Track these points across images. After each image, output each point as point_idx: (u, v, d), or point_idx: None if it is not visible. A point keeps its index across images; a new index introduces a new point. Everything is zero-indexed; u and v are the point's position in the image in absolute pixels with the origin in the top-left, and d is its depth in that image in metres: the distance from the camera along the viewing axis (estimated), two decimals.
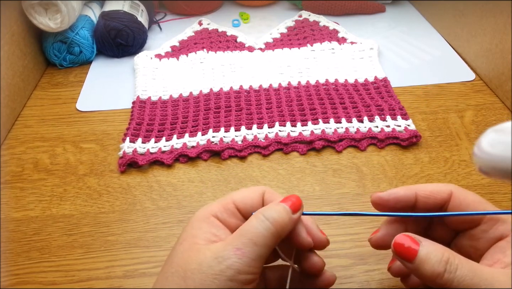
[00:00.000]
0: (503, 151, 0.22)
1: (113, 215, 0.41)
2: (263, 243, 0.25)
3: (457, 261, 0.25)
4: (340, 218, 0.40)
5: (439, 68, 0.60)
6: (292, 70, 0.60)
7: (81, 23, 0.63)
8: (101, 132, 0.52)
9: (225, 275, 0.24)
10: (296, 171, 0.45)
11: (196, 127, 0.51)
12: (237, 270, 0.24)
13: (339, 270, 0.35)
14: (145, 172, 0.46)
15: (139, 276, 0.36)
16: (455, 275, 0.24)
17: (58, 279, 0.36)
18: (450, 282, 0.24)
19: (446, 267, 0.25)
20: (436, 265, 0.25)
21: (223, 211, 0.28)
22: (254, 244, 0.25)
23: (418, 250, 0.25)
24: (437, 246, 0.26)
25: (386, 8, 0.77)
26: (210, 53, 0.63)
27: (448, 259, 0.25)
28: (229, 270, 0.24)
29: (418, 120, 0.51)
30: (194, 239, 0.26)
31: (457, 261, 0.25)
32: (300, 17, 0.72)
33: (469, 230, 0.29)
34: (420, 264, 0.25)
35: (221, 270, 0.24)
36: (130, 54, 0.65)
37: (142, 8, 0.69)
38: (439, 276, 0.25)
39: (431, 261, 0.25)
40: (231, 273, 0.24)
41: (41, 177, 0.46)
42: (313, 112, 0.52)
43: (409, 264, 0.26)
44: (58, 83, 0.61)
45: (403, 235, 0.26)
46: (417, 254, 0.25)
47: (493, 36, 0.55)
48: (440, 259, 0.25)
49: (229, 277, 0.24)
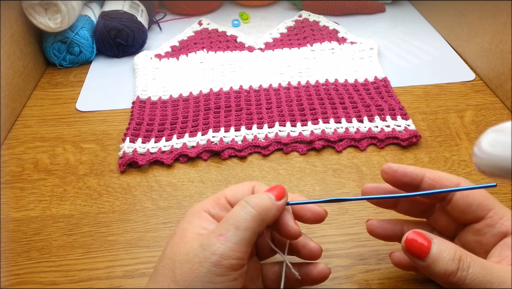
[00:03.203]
0: (503, 150, 0.22)
1: (113, 215, 0.41)
2: (245, 227, 0.26)
3: (469, 259, 0.25)
4: (340, 218, 0.40)
5: (439, 68, 0.60)
6: (292, 70, 0.60)
7: (81, 23, 0.63)
8: (101, 132, 0.52)
9: (210, 261, 0.25)
10: (296, 171, 0.45)
11: (196, 127, 0.51)
12: (221, 255, 0.25)
13: (339, 270, 0.35)
14: (145, 172, 0.46)
15: (139, 276, 0.36)
16: (467, 273, 0.24)
17: (58, 279, 0.36)
18: (463, 280, 0.24)
19: (459, 265, 0.25)
20: (449, 263, 0.25)
21: (215, 205, 0.29)
22: (236, 228, 0.26)
23: (431, 248, 0.25)
24: (449, 243, 0.26)
25: (386, 8, 0.77)
26: (210, 53, 0.63)
27: (460, 257, 0.25)
28: (213, 256, 0.25)
29: (418, 120, 0.51)
30: (185, 232, 0.27)
31: (469, 259, 0.25)
32: (300, 17, 0.72)
33: (473, 224, 0.29)
34: (433, 262, 0.25)
35: (206, 256, 0.25)
36: (130, 54, 0.65)
37: (142, 8, 0.69)
38: (452, 274, 0.25)
39: (444, 259, 0.25)
40: (216, 259, 0.25)
41: (41, 177, 0.46)
42: (313, 112, 0.52)
43: (420, 261, 0.25)
44: (58, 83, 0.61)
45: (415, 232, 0.26)
46: (429, 251, 0.25)
47: (493, 36, 0.55)
48: (453, 257, 0.25)
49: (214, 263, 0.25)
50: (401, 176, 0.30)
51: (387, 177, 0.31)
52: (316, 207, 0.30)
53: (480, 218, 0.29)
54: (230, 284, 0.25)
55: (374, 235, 0.33)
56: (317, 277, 0.31)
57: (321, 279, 0.31)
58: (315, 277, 0.31)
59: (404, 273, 0.35)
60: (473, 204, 0.29)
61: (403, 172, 0.30)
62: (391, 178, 0.31)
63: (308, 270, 0.31)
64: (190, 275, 0.25)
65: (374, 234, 0.33)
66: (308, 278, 0.31)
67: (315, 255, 0.30)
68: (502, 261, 0.26)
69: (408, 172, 0.30)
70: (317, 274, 0.30)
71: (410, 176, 0.30)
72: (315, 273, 0.30)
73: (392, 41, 0.67)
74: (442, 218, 0.32)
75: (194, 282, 0.24)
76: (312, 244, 0.30)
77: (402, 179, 0.30)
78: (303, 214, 0.30)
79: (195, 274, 0.24)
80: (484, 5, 0.56)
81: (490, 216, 0.28)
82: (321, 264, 0.31)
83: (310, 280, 0.31)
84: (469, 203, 0.29)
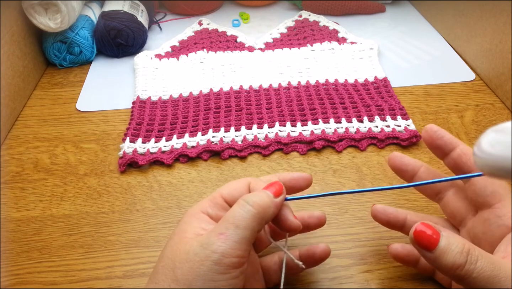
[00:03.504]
0: (503, 150, 0.22)
1: (113, 215, 0.41)
2: (245, 225, 0.26)
3: (477, 253, 0.25)
4: (340, 218, 0.40)
5: (439, 68, 0.60)
6: (292, 70, 0.60)
7: (81, 23, 0.63)
8: (101, 132, 0.52)
9: (211, 259, 0.25)
10: (296, 171, 0.45)
11: (196, 127, 0.51)
12: (222, 253, 0.25)
13: (339, 270, 0.35)
14: (145, 172, 0.46)
15: (139, 276, 0.36)
16: (475, 266, 0.24)
17: (58, 279, 0.36)
18: (470, 274, 0.24)
19: (467, 259, 0.25)
20: (457, 256, 0.25)
21: (212, 206, 0.29)
22: (236, 227, 0.26)
23: (439, 240, 0.25)
24: (458, 237, 0.26)
25: (386, 8, 0.77)
26: (210, 53, 0.63)
27: (469, 250, 0.25)
28: (214, 255, 0.25)
29: (418, 120, 0.51)
30: (184, 233, 0.27)
31: (478, 253, 0.25)
32: (300, 17, 0.72)
33: (481, 213, 0.30)
34: (441, 254, 0.25)
35: (207, 255, 0.25)
36: (130, 54, 0.65)
37: (142, 8, 0.69)
38: (460, 267, 0.25)
39: (452, 252, 0.25)
40: (216, 257, 0.25)
41: (41, 177, 0.46)
42: (313, 112, 0.52)
43: (428, 253, 0.25)
44: (58, 83, 0.61)
45: (423, 224, 0.26)
46: (438, 243, 0.25)
47: (493, 36, 0.55)
48: (461, 250, 0.25)
49: (215, 261, 0.25)
50: (438, 138, 0.31)
51: (426, 135, 0.32)
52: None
53: (489, 205, 0.29)
54: (232, 282, 0.25)
55: (376, 219, 0.34)
56: (320, 257, 0.32)
57: (322, 259, 0.32)
58: (317, 258, 0.32)
59: (404, 273, 0.35)
60: (488, 188, 0.29)
61: (441, 135, 0.31)
62: (429, 138, 0.32)
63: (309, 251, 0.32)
64: (191, 274, 0.25)
65: (376, 218, 0.34)
66: (310, 260, 0.32)
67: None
68: (508, 256, 0.26)
69: (446, 137, 0.31)
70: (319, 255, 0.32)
71: (445, 141, 0.31)
72: (318, 254, 0.32)
73: (392, 41, 0.68)
74: (453, 203, 0.32)
75: (195, 281, 0.24)
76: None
77: (437, 141, 0.31)
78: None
79: (196, 272, 0.25)
80: (484, 5, 0.56)
81: (499, 206, 0.29)
82: (321, 244, 0.32)
83: (311, 261, 0.32)
84: (485, 185, 0.29)
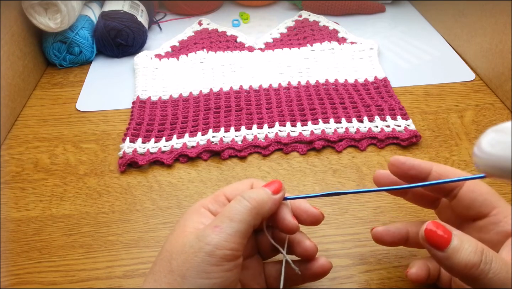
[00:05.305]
0: (503, 150, 0.22)
1: (113, 215, 0.41)
2: (240, 219, 0.26)
3: (491, 253, 0.24)
4: (340, 218, 0.40)
5: (439, 68, 0.60)
6: (292, 70, 0.60)
7: (81, 23, 0.63)
8: (101, 132, 0.52)
9: (204, 251, 0.25)
10: (296, 171, 0.45)
11: (196, 127, 0.51)
12: (215, 245, 0.25)
13: (339, 270, 0.35)
14: (145, 172, 0.46)
15: (139, 276, 0.36)
16: (490, 266, 0.24)
17: (58, 279, 0.36)
18: (485, 274, 0.24)
19: (482, 258, 0.24)
20: (471, 255, 0.24)
21: (214, 202, 0.30)
22: (230, 220, 0.26)
23: (451, 239, 0.24)
24: (469, 236, 0.25)
25: (386, 8, 0.77)
26: (210, 53, 0.63)
27: (483, 250, 0.24)
28: (207, 246, 0.25)
29: (418, 120, 0.51)
30: (184, 227, 0.28)
31: (492, 254, 0.24)
32: (300, 17, 0.72)
33: (477, 221, 0.29)
34: (453, 253, 0.24)
35: (200, 246, 0.25)
36: (130, 54, 0.65)
37: (142, 8, 0.69)
38: (475, 266, 0.24)
39: (466, 251, 0.24)
40: (210, 249, 0.25)
41: (41, 177, 0.46)
42: (313, 112, 0.52)
43: (440, 252, 0.25)
44: (58, 83, 0.61)
45: (434, 222, 0.25)
46: (450, 242, 0.24)
47: (493, 36, 0.55)
48: (475, 249, 0.24)
49: (208, 253, 0.25)
50: (408, 169, 0.30)
51: (394, 170, 0.31)
52: (311, 208, 0.30)
53: (484, 215, 0.29)
54: (224, 275, 0.25)
55: (382, 243, 0.33)
56: (318, 271, 0.30)
57: (323, 274, 0.30)
58: (316, 271, 0.30)
59: (404, 273, 0.35)
60: (478, 200, 0.29)
61: (411, 165, 0.30)
62: (398, 171, 0.31)
63: (309, 265, 0.30)
64: (185, 265, 0.25)
65: (382, 242, 0.32)
66: (309, 273, 0.30)
67: (310, 253, 0.30)
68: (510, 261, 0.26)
69: (416, 165, 0.30)
70: (317, 269, 0.30)
71: (417, 169, 0.30)
72: (316, 267, 0.30)
73: (392, 41, 0.67)
74: (446, 211, 0.32)
75: (189, 272, 0.25)
76: (307, 242, 0.30)
77: (409, 171, 0.30)
78: (298, 215, 0.30)
79: (190, 263, 0.25)
80: (484, 5, 0.56)
81: (494, 213, 0.28)
82: (322, 258, 0.31)
83: (311, 274, 0.30)
84: (474, 198, 0.29)
